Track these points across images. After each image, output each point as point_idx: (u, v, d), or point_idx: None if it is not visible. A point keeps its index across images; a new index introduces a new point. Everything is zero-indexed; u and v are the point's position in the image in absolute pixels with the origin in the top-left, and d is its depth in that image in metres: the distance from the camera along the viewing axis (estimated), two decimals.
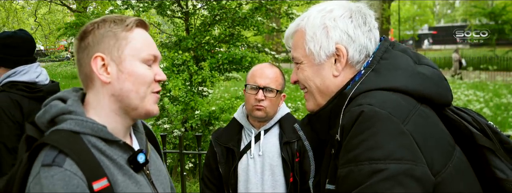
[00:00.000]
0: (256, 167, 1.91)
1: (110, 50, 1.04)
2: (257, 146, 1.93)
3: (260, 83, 1.86)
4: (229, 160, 1.96)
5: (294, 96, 11.44)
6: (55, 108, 1.01)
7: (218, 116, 4.36)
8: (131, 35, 1.06)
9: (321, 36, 1.14)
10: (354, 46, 1.14)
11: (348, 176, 0.95)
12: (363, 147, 0.94)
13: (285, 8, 5.12)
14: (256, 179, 1.90)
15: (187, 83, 4.62)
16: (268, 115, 1.91)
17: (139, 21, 1.09)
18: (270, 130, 1.96)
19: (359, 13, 1.16)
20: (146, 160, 1.08)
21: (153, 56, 1.08)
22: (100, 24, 1.05)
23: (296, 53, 1.21)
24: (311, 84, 1.19)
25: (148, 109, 1.07)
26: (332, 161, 1.11)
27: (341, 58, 1.14)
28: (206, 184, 2.02)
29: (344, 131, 1.01)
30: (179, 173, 4.02)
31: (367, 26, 1.16)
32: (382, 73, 1.08)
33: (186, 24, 4.97)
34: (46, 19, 22.31)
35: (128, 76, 1.04)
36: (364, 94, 1.04)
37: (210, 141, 2.08)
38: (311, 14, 1.19)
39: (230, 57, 4.41)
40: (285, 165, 1.88)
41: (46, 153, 0.93)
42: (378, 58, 1.13)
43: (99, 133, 1.00)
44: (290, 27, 1.25)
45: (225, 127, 2.08)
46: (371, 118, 0.95)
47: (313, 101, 1.21)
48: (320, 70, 1.17)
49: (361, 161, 0.93)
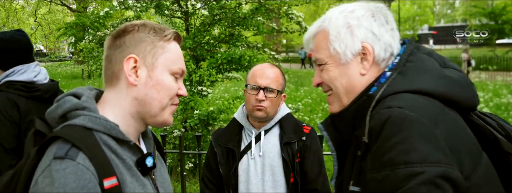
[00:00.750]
0: (256, 168, 1.91)
1: (145, 54, 1.04)
2: (258, 146, 1.93)
3: (260, 83, 1.86)
4: (230, 161, 1.95)
5: (294, 96, 11.44)
6: (69, 103, 1.00)
7: (217, 116, 4.36)
8: (168, 46, 1.08)
9: (346, 35, 1.13)
10: (379, 44, 1.13)
11: (384, 181, 0.93)
12: (398, 150, 0.92)
13: (285, 8, 5.12)
14: (257, 179, 1.90)
15: (187, 83, 4.62)
16: (269, 116, 1.91)
17: (176, 34, 1.10)
18: (271, 131, 1.96)
19: (381, 12, 1.16)
20: (154, 164, 1.07)
21: (182, 70, 1.10)
22: (140, 28, 1.06)
23: (319, 55, 1.19)
24: (337, 85, 1.17)
25: (165, 119, 1.08)
26: (358, 163, 1.09)
27: (368, 56, 1.13)
28: (206, 184, 2.02)
29: (372, 133, 0.99)
30: (179, 173, 4.02)
31: (389, 25, 1.16)
32: (409, 76, 1.07)
33: (186, 24, 4.97)
34: (46, 19, 22.32)
35: (156, 84, 1.04)
36: (392, 97, 1.03)
37: (210, 142, 2.07)
38: (332, 15, 1.17)
39: (229, 56, 4.41)
40: (286, 166, 1.87)
41: (58, 146, 0.92)
42: (404, 60, 1.11)
43: (111, 131, 0.99)
44: (310, 30, 1.23)
45: (225, 128, 2.07)
46: (402, 121, 0.94)
47: (338, 103, 1.19)
48: (346, 70, 1.15)
49: (397, 165, 0.91)
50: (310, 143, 1.93)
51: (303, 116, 8.26)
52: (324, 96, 7.23)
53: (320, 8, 25.57)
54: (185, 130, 4.73)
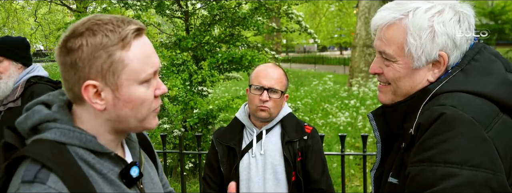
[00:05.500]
0: (258, 166, 1.91)
1: (103, 74, 0.88)
2: (259, 145, 1.94)
3: (265, 83, 1.85)
4: (231, 159, 1.96)
5: (294, 96, 11.44)
6: (38, 115, 0.89)
7: (216, 114, 4.37)
8: (128, 55, 0.89)
9: (426, 40, 1.05)
10: (456, 53, 1.07)
11: (419, 175, 0.92)
12: (441, 148, 0.91)
13: (285, 8, 5.12)
14: (258, 177, 1.91)
15: (187, 83, 4.62)
16: (272, 116, 1.92)
17: (137, 29, 0.91)
18: (272, 130, 1.97)
19: (467, 16, 1.09)
20: (140, 173, 0.98)
21: (154, 70, 0.94)
22: (89, 39, 0.86)
23: (389, 50, 1.10)
24: (400, 85, 1.12)
25: (147, 127, 0.97)
26: (400, 155, 1.07)
27: (441, 66, 1.08)
28: (208, 183, 2.02)
29: (420, 128, 0.97)
30: (179, 173, 4.02)
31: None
32: (472, 76, 1.04)
33: (186, 24, 4.97)
34: (46, 19, 22.32)
35: (126, 102, 0.90)
36: (447, 94, 1.00)
37: (211, 141, 2.08)
38: (417, 10, 1.06)
39: (230, 56, 4.41)
40: (287, 164, 1.88)
41: (26, 168, 0.81)
42: (470, 58, 1.07)
43: (87, 145, 0.89)
44: (382, 15, 1.11)
45: (227, 127, 2.08)
46: (453, 120, 0.92)
47: (391, 97, 1.16)
48: (414, 74, 1.10)
49: (436, 163, 0.90)
50: (312, 143, 1.93)
51: (303, 116, 8.26)
52: (324, 96, 7.27)
53: (320, 8, 25.56)
54: (185, 130, 4.73)
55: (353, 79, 12.69)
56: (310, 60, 33.23)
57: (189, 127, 4.68)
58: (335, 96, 11.11)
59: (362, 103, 9.35)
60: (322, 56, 35.76)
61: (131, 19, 0.93)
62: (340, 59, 29.84)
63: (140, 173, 0.99)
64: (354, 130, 7.18)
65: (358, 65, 12.83)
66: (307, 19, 25.04)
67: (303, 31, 5.48)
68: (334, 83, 13.36)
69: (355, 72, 12.88)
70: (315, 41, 5.99)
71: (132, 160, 1.03)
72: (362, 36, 12.76)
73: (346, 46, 39.88)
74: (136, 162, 0.98)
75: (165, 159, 3.41)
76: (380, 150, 1.22)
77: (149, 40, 0.97)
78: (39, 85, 2.40)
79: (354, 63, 12.99)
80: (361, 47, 12.77)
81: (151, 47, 0.95)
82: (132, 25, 0.90)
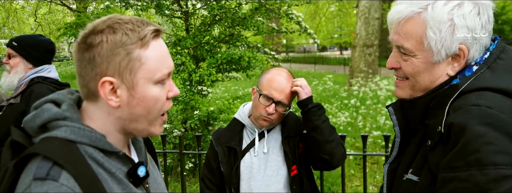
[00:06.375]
0: (260, 165, 1.92)
1: (121, 71, 0.90)
2: (262, 143, 1.94)
3: (275, 96, 1.83)
4: (231, 159, 1.96)
5: None
6: (48, 113, 0.90)
7: (217, 116, 4.37)
8: (146, 54, 0.91)
9: (446, 33, 1.03)
10: (476, 46, 1.06)
11: (468, 180, 0.90)
12: (487, 150, 0.89)
13: (285, 8, 5.12)
14: (260, 176, 1.91)
15: (187, 83, 4.63)
16: (272, 125, 1.93)
17: (155, 30, 0.93)
18: (273, 129, 1.98)
19: (485, 6, 1.05)
20: (146, 173, 1.00)
21: (168, 71, 0.96)
22: (109, 36, 0.88)
23: (408, 44, 1.08)
24: (419, 80, 1.10)
25: (153, 132, 0.99)
26: (424, 152, 1.05)
27: (461, 59, 1.06)
28: (206, 184, 2.02)
29: (454, 128, 0.95)
30: (179, 173, 4.02)
31: (491, 24, 1.07)
32: (498, 74, 1.03)
33: (186, 24, 4.98)
34: (46, 19, 22.32)
35: (140, 101, 0.92)
36: (478, 93, 0.99)
37: (210, 142, 2.08)
38: (436, 4, 1.04)
39: (229, 57, 4.42)
40: (287, 159, 1.89)
41: (38, 165, 0.82)
42: (495, 56, 1.06)
43: (97, 143, 0.90)
44: (400, 9, 1.09)
45: (226, 127, 2.08)
46: (493, 121, 0.91)
47: (409, 92, 1.14)
48: (434, 68, 1.08)
49: (485, 166, 0.88)
50: None
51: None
52: (324, 96, 7.26)
53: (320, 8, 25.57)
54: (185, 130, 4.73)
55: (353, 79, 12.70)
56: (310, 60, 33.25)
57: (189, 128, 4.69)
58: (335, 96, 11.12)
59: (362, 103, 9.36)
60: (322, 56, 35.78)
61: (149, 21, 0.95)
62: (340, 59, 29.85)
63: (147, 172, 1.00)
64: (354, 130, 7.19)
65: (358, 65, 12.83)
66: (307, 19, 25.05)
67: (303, 32, 5.49)
68: (334, 83, 13.37)
69: (355, 72, 12.89)
70: (315, 42, 6.01)
71: (138, 160, 1.05)
72: (362, 36, 12.76)
73: (346, 46, 39.91)
74: (143, 162, 1.00)
75: (165, 159, 3.41)
76: (398, 145, 1.21)
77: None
78: (40, 85, 2.46)
79: (354, 63, 12.99)
80: (361, 47, 12.77)
81: (167, 49, 0.98)
82: (151, 26, 0.93)
